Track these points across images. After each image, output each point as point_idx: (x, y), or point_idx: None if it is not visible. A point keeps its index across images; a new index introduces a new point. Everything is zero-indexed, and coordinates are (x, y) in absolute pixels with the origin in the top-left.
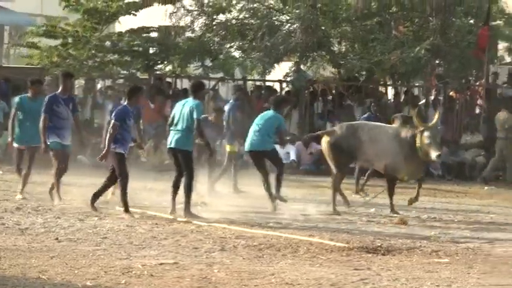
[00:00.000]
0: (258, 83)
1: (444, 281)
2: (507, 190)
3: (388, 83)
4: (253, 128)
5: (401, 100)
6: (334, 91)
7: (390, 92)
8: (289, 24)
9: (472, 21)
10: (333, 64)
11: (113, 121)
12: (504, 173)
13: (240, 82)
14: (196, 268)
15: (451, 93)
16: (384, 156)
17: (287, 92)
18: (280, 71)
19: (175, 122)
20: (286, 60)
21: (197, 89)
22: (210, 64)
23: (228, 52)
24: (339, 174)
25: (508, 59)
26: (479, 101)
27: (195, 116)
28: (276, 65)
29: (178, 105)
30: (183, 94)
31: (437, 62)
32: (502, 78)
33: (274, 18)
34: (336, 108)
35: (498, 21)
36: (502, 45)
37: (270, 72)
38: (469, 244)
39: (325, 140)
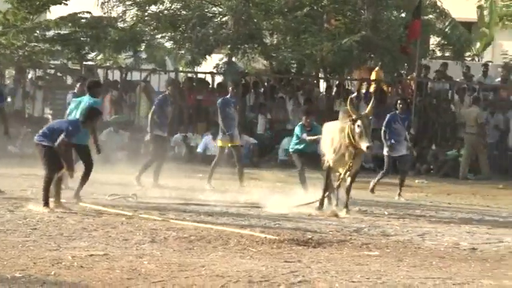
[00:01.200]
0: (189, 75)
1: (374, 274)
2: (439, 183)
3: (321, 75)
4: None
5: (333, 93)
6: (266, 83)
7: (322, 85)
8: (221, 16)
9: (403, 15)
10: (265, 56)
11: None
12: (441, 167)
13: (172, 74)
14: (126, 260)
15: (384, 87)
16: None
17: (219, 84)
18: (212, 63)
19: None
20: (218, 52)
21: (93, 87)
22: (142, 55)
23: (160, 43)
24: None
25: (439, 53)
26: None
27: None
28: (207, 56)
29: (75, 102)
30: (114, 85)
31: (369, 55)
32: (433, 72)
33: (206, 10)
34: (267, 100)
35: (430, 16)
36: (433, 39)
37: (201, 63)
38: (399, 237)
39: None
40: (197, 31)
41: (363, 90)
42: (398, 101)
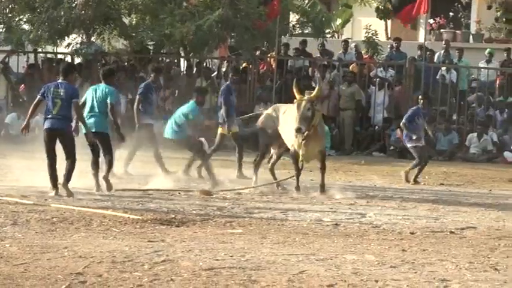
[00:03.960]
0: (49, 56)
1: (238, 251)
2: None
3: (182, 54)
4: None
5: (194, 72)
6: (126, 63)
7: (183, 64)
8: None
9: None
10: (124, 36)
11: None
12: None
13: (31, 55)
14: None
15: (243, 65)
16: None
17: (78, 64)
18: (71, 43)
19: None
20: (77, 33)
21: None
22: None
23: (17, 25)
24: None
25: (299, 31)
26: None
27: (108, 100)
28: (66, 37)
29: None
30: None
31: (229, 33)
32: (293, 50)
33: None
34: (128, 80)
35: None
36: (293, 17)
37: (58, 44)
38: (262, 214)
39: None
40: (50, 13)
41: (223, 69)
42: (420, 96)
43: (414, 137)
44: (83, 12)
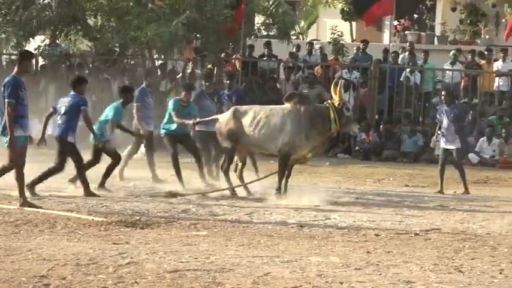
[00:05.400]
0: (13, 57)
1: (202, 254)
2: (266, 162)
3: (147, 56)
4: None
5: (159, 73)
6: (90, 65)
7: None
8: None
9: None
10: (89, 38)
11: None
12: None
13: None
14: None
15: (209, 66)
16: (279, 137)
17: (42, 66)
18: (35, 45)
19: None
20: (41, 34)
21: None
22: None
23: None
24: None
25: (264, 32)
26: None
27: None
28: (31, 39)
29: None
30: None
31: (194, 35)
32: (259, 51)
33: None
34: (92, 82)
35: None
36: (258, 18)
37: (24, 46)
38: (227, 216)
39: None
40: (20, 14)
41: (188, 70)
42: (443, 93)
43: (436, 134)
44: (55, 12)
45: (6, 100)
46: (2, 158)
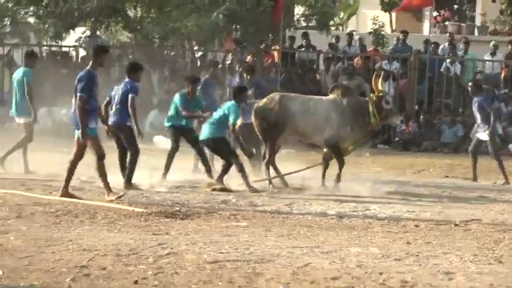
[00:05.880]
0: (53, 49)
1: (242, 244)
2: (306, 153)
3: (187, 47)
4: None
5: (199, 65)
6: (130, 56)
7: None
8: None
9: None
10: (129, 29)
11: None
12: None
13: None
14: None
15: (248, 57)
16: (326, 128)
17: (82, 58)
18: (75, 36)
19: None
20: (81, 26)
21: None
22: (6, 30)
23: (23, 18)
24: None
25: (303, 23)
26: None
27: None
28: (71, 30)
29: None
30: None
31: (234, 26)
32: (298, 42)
33: None
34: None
35: None
36: (297, 9)
37: (64, 38)
38: (266, 208)
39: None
40: (60, 6)
41: (228, 62)
42: (469, 84)
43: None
44: (95, 4)
45: (78, 94)
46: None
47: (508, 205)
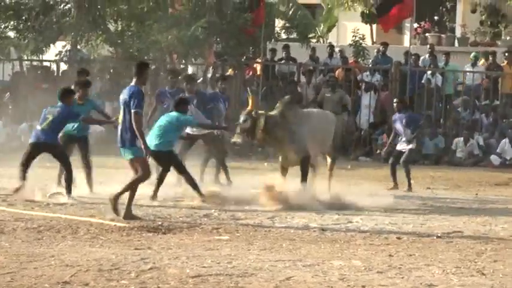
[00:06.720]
0: (34, 63)
1: (225, 258)
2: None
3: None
4: None
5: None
6: (112, 70)
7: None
8: (63, 3)
9: None
10: (110, 43)
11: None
12: None
13: (16, 62)
14: None
15: (229, 71)
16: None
17: (64, 72)
18: (56, 50)
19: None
20: (62, 40)
21: None
22: None
23: (3, 32)
24: None
25: (284, 36)
26: None
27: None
28: (51, 44)
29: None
30: None
31: (215, 39)
32: (279, 55)
33: None
34: (114, 87)
35: None
36: (278, 22)
37: (45, 52)
38: (249, 221)
39: None
40: (40, 20)
41: (209, 74)
42: (394, 100)
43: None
44: (75, 18)
45: (133, 110)
46: None
47: (489, 217)
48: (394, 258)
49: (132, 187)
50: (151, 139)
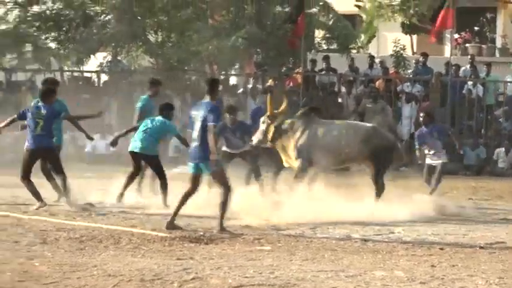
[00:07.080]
0: (75, 74)
1: (267, 269)
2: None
3: (208, 71)
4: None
5: (220, 89)
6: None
7: None
8: (104, 15)
9: (287, 9)
10: (150, 54)
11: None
12: None
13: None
14: (16, 262)
15: (269, 81)
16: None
17: (105, 83)
18: (96, 61)
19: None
20: (103, 51)
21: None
22: (27, 55)
23: (44, 43)
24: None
25: (324, 46)
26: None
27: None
28: (92, 55)
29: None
30: None
31: (255, 50)
32: (320, 66)
33: (88, 9)
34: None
35: (313, 9)
36: (318, 33)
37: (85, 63)
38: (290, 231)
39: None
40: (81, 31)
41: (249, 85)
42: (421, 114)
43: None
44: (115, 29)
45: (210, 124)
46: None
47: None
48: (437, 269)
49: (223, 205)
50: (136, 142)
